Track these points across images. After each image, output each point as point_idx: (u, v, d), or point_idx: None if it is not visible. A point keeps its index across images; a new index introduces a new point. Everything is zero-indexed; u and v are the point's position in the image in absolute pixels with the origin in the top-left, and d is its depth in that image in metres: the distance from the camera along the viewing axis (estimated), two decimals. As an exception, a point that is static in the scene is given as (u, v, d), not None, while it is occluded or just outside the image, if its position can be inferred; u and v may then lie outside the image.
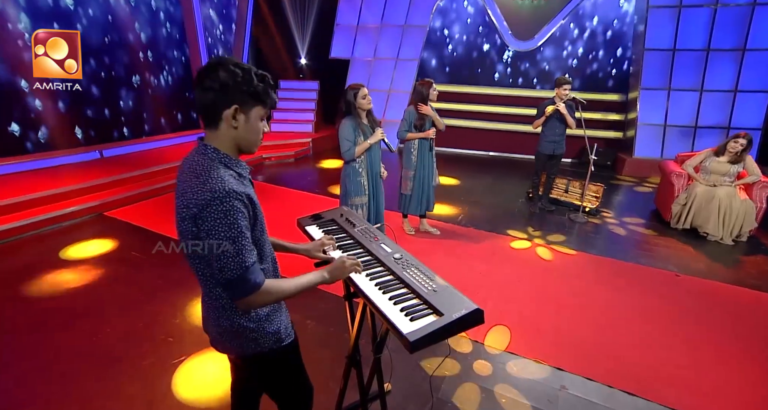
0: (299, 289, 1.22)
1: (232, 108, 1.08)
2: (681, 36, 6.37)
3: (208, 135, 1.13)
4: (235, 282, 1.07)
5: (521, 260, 3.80)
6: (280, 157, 7.41)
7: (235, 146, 1.15)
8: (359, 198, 3.18)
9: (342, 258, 1.38)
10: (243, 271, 1.06)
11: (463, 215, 4.88)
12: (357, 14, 7.95)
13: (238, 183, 1.08)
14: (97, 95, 5.83)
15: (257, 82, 1.10)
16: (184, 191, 1.08)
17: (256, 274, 1.09)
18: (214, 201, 1.02)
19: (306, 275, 1.27)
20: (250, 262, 1.08)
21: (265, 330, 1.23)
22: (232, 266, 1.05)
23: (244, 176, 1.17)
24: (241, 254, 1.06)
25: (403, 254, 1.57)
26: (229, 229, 1.04)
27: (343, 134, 3.04)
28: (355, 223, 1.85)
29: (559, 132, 4.67)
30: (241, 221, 1.06)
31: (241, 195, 1.06)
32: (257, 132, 1.17)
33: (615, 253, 3.98)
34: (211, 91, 1.06)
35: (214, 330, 1.23)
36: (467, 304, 1.27)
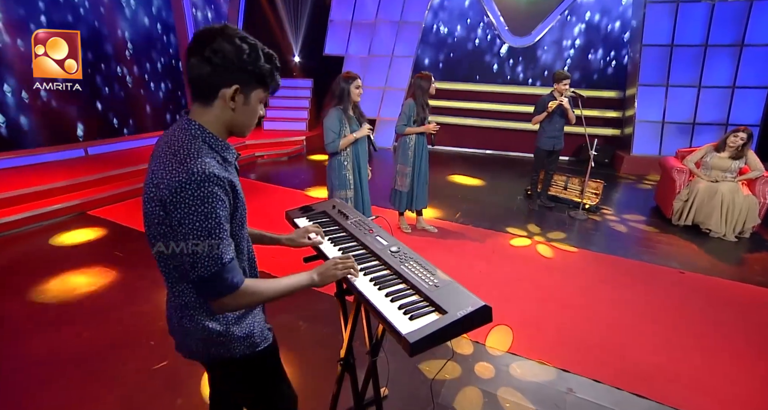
0: (283, 292, 1.08)
1: (232, 88, 0.95)
2: (679, 31, 6.30)
3: (196, 110, 0.99)
4: (209, 281, 0.93)
5: (522, 257, 3.68)
6: (273, 155, 7.26)
7: (226, 127, 1.01)
8: (345, 192, 3.05)
9: (335, 259, 1.24)
10: (219, 268, 0.92)
11: (460, 212, 4.76)
12: (351, 10, 7.82)
13: (221, 168, 0.94)
14: (85, 92, 5.65)
15: (264, 62, 0.98)
16: (155, 169, 0.93)
17: (234, 273, 0.95)
18: (191, 184, 0.88)
19: (292, 277, 1.13)
20: (227, 258, 0.93)
21: (234, 335, 1.09)
22: (206, 263, 0.91)
23: (230, 161, 1.02)
24: (218, 249, 0.91)
25: (400, 247, 1.44)
26: (206, 219, 0.89)
27: (328, 124, 2.92)
28: (348, 215, 1.71)
29: (558, 127, 4.56)
30: (221, 210, 0.92)
31: (222, 181, 0.92)
32: (254, 116, 1.04)
33: (617, 250, 3.87)
34: (208, 65, 0.92)
35: (178, 332, 1.09)
36: (473, 300, 1.14)
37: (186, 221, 0.89)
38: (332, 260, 1.24)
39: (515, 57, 8.06)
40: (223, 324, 1.06)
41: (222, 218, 0.92)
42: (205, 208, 0.89)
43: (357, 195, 3.15)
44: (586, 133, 4.60)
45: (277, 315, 2.63)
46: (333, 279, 1.22)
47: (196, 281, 0.93)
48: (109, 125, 6.11)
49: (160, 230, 0.95)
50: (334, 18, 7.83)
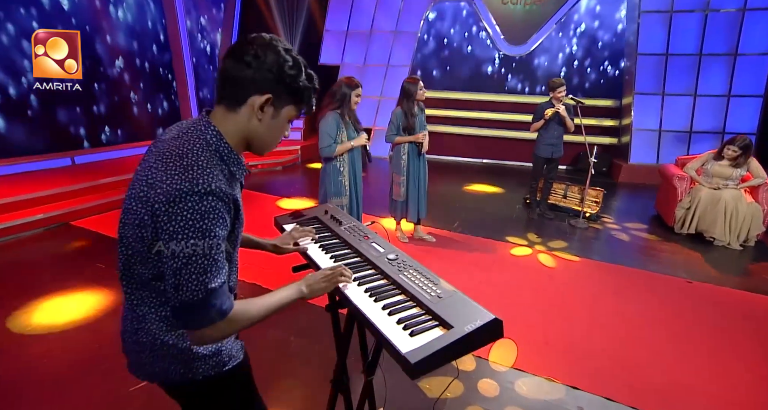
0: (273, 310, 0.96)
1: (264, 97, 0.86)
2: (673, 40, 6.32)
3: (218, 114, 0.89)
4: (194, 307, 0.80)
5: (523, 267, 3.55)
6: (267, 165, 7.14)
7: (246, 140, 0.91)
8: (339, 199, 2.93)
9: (324, 271, 1.12)
10: (206, 294, 0.80)
11: (458, 221, 4.64)
12: (347, 20, 7.82)
13: (227, 184, 0.84)
14: (73, 101, 5.52)
15: (304, 79, 0.90)
16: (153, 166, 0.82)
17: (223, 299, 0.83)
18: (192, 196, 0.77)
19: (278, 292, 1.01)
20: (217, 283, 0.81)
21: (197, 352, 0.94)
22: (193, 286, 0.79)
23: (237, 177, 0.92)
24: (210, 272, 0.80)
25: (398, 254, 1.31)
26: (202, 236, 0.78)
27: (326, 128, 2.81)
28: (341, 220, 1.58)
29: (556, 134, 4.49)
30: (220, 228, 0.81)
31: (227, 196, 0.82)
32: (279, 133, 0.94)
33: (620, 259, 3.75)
34: (247, 68, 0.83)
35: (132, 348, 0.95)
36: (482, 313, 1.00)
37: (179, 235, 0.77)
38: (321, 271, 1.12)
39: (511, 66, 8.07)
40: (186, 339, 0.92)
41: (220, 238, 0.81)
42: (203, 224, 0.78)
43: (352, 203, 3.03)
44: (586, 141, 4.53)
45: (264, 329, 2.47)
46: (322, 292, 1.10)
47: (178, 306, 0.80)
48: (96, 134, 5.96)
49: (139, 233, 0.83)
50: (330, 28, 7.83)
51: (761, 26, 6.03)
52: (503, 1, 6.71)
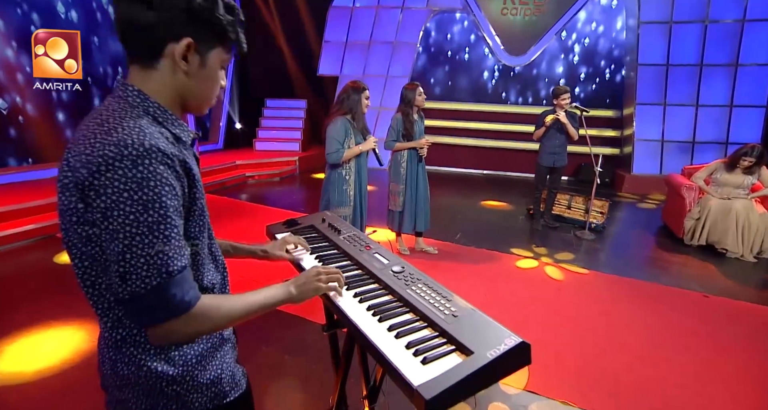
0: (252, 310, 0.80)
1: (183, 42, 0.70)
2: (674, 51, 6.31)
3: (135, 75, 0.73)
4: (148, 299, 0.65)
5: (529, 280, 3.39)
6: (265, 176, 7.01)
7: (179, 98, 0.76)
8: (343, 209, 2.78)
9: (316, 268, 0.97)
10: (163, 280, 0.64)
11: (460, 233, 4.49)
12: (346, 31, 7.81)
13: (169, 145, 0.69)
14: (60, 110, 5.40)
15: (223, 12, 0.73)
16: (71, 146, 0.67)
17: (185, 286, 0.68)
18: (122, 160, 0.62)
19: (263, 290, 0.85)
20: (177, 266, 0.66)
21: (195, 380, 0.78)
22: (144, 272, 0.64)
23: (183, 140, 0.76)
24: (163, 253, 0.64)
25: (404, 266, 1.16)
26: (145, 209, 0.63)
27: (333, 132, 2.68)
28: (340, 229, 1.44)
29: (558, 143, 4.38)
30: (168, 198, 0.65)
31: (170, 158, 0.66)
32: (214, 85, 0.79)
33: (631, 272, 3.60)
34: (149, 9, 0.67)
35: (111, 383, 0.77)
36: (506, 336, 0.85)
37: (114, 212, 0.62)
38: (313, 269, 0.98)
39: (511, 76, 8.05)
40: (180, 365, 0.75)
41: (170, 209, 0.65)
42: (144, 194, 0.62)
43: (356, 214, 2.88)
44: (591, 152, 4.42)
45: (255, 345, 2.29)
46: (314, 293, 0.95)
47: (127, 299, 0.65)
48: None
49: (82, 232, 0.67)
50: (329, 38, 7.81)
51: (761, 37, 6.02)
52: (503, 12, 6.71)
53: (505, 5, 6.68)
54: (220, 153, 7.79)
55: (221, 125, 8.24)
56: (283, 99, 8.71)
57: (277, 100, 8.68)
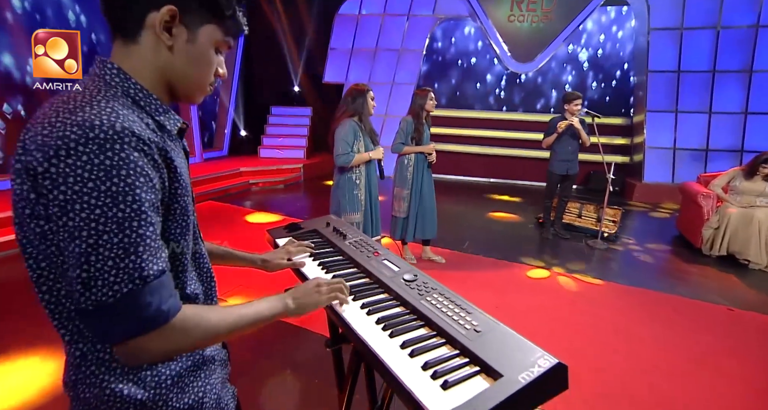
0: (242, 324, 0.69)
1: (164, 10, 0.60)
2: (685, 57, 6.20)
3: (117, 51, 0.64)
4: (116, 309, 0.54)
5: (541, 290, 3.25)
6: (269, 183, 6.94)
7: (163, 80, 0.66)
8: (354, 215, 2.67)
9: (316, 279, 0.86)
10: (136, 287, 0.54)
11: (468, 241, 4.36)
12: (352, 38, 7.80)
13: (148, 131, 0.59)
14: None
15: None
16: (29, 127, 0.56)
17: (164, 294, 0.57)
18: (87, 144, 0.52)
19: (256, 302, 0.74)
20: (153, 270, 0.55)
21: (170, 406, 0.66)
22: (111, 277, 0.53)
23: (168, 129, 0.66)
24: (136, 255, 0.54)
25: (417, 274, 1.04)
26: (115, 202, 0.52)
27: (342, 134, 2.58)
28: (345, 234, 1.33)
29: (571, 150, 4.26)
30: (143, 190, 0.55)
31: (147, 144, 0.56)
32: (206, 65, 0.68)
33: (648, 283, 3.44)
34: None
35: (76, 406, 0.65)
36: (539, 355, 0.73)
37: (76, 206, 0.51)
38: (314, 280, 0.87)
39: (519, 84, 7.98)
40: (151, 387, 0.63)
41: (145, 204, 0.55)
42: (113, 185, 0.52)
43: (367, 221, 2.76)
44: (604, 160, 4.31)
45: (253, 358, 2.17)
46: (314, 307, 0.84)
47: (91, 310, 0.53)
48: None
49: (33, 226, 0.56)
50: (335, 46, 7.81)
51: (776, 43, 5.91)
52: (510, 19, 6.66)
53: (512, 12, 6.64)
54: (224, 160, 7.75)
55: (226, 132, 8.22)
56: (288, 107, 8.69)
57: (282, 107, 8.66)
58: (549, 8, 6.52)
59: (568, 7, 6.46)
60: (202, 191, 5.80)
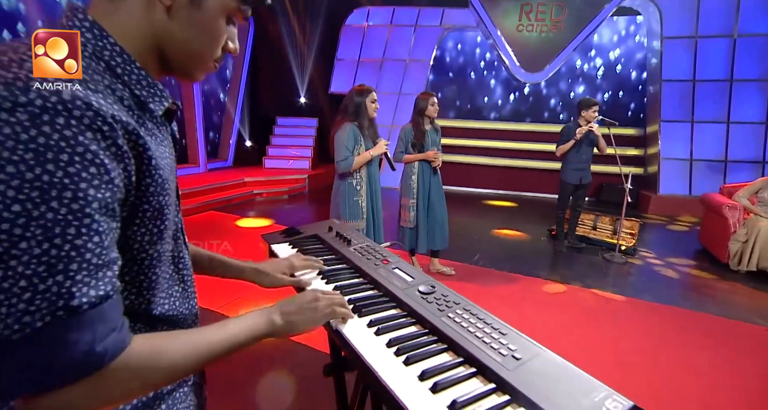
0: (215, 353, 0.52)
1: None
2: (700, 66, 6.05)
3: (99, 4, 0.50)
4: (26, 351, 0.37)
5: (559, 306, 3.03)
6: (273, 193, 6.82)
7: (155, 47, 0.52)
8: (355, 223, 2.51)
9: (313, 292, 0.69)
10: (57, 319, 0.38)
11: (478, 254, 4.16)
12: (359, 49, 7.77)
13: (118, 107, 0.45)
14: None
15: None
16: None
17: (99, 330, 0.41)
18: (13, 112, 0.38)
19: (233, 321, 0.58)
20: (87, 297, 0.39)
21: None
22: (21, 304, 0.37)
23: (150, 108, 0.51)
24: (65, 275, 0.38)
25: (435, 285, 0.87)
26: (43, 198, 0.37)
27: (342, 139, 2.45)
28: (350, 239, 1.16)
29: (585, 158, 4.09)
30: (92, 185, 0.41)
31: (108, 122, 0.42)
32: (212, 35, 0.54)
33: (674, 300, 3.21)
34: None
35: None
36: (604, 395, 0.55)
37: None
38: (310, 292, 0.71)
39: (528, 94, 7.88)
40: None
41: (92, 204, 0.40)
42: (46, 173, 0.38)
43: (369, 228, 2.60)
44: (621, 170, 4.14)
45: (236, 383, 1.97)
46: (309, 326, 0.67)
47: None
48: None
49: None
50: (342, 56, 7.78)
51: (795, 51, 5.74)
52: (518, 29, 6.58)
53: (521, 22, 6.57)
54: (229, 170, 7.67)
55: (231, 142, 8.16)
56: (294, 117, 8.64)
57: (288, 118, 8.61)
58: (559, 18, 6.43)
59: (578, 17, 6.37)
60: (205, 201, 5.69)
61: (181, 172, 6.79)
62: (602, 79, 7.49)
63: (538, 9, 6.50)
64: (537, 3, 6.50)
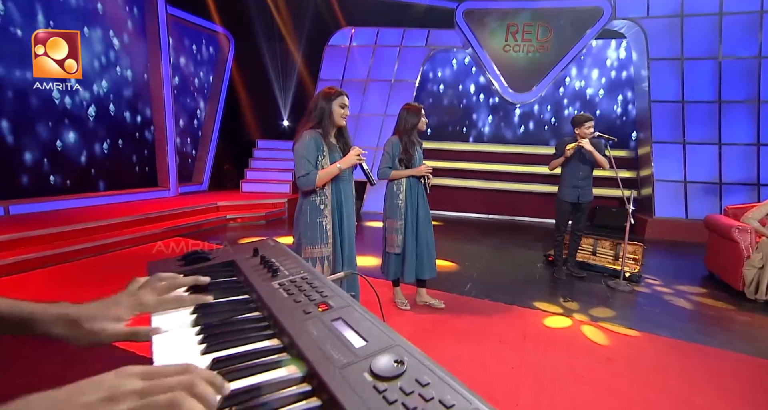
0: None
1: None
2: (688, 88, 5.95)
3: None
4: None
5: (565, 344, 2.60)
6: (249, 218, 6.34)
7: None
8: (319, 248, 2.09)
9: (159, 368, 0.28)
10: None
11: (470, 283, 3.73)
12: (342, 70, 7.58)
13: None
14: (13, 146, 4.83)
15: None
16: None
17: None
18: None
19: None
20: None
21: None
22: None
23: None
24: None
25: (406, 358, 0.45)
26: None
27: (302, 150, 2.06)
28: (278, 268, 0.74)
29: (582, 175, 3.78)
30: None
31: None
32: None
33: (692, 335, 2.81)
34: None
35: None
36: None
37: None
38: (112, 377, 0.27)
39: (516, 115, 7.72)
40: None
41: None
42: None
43: (338, 255, 2.18)
44: (623, 192, 3.84)
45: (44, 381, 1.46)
46: None
47: None
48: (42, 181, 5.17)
49: None
50: (325, 77, 7.56)
51: (781, 73, 5.69)
52: (505, 49, 6.49)
53: (507, 42, 6.48)
54: (202, 194, 7.20)
55: (207, 165, 7.74)
56: (276, 140, 8.30)
57: (269, 141, 8.28)
58: (545, 38, 6.36)
59: (564, 39, 6.31)
60: (172, 227, 5.19)
61: (149, 195, 6.30)
62: (591, 100, 7.39)
63: (524, 29, 6.43)
64: (523, 23, 6.44)
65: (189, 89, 7.50)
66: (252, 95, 8.40)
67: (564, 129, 7.51)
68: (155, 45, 6.28)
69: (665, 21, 6.02)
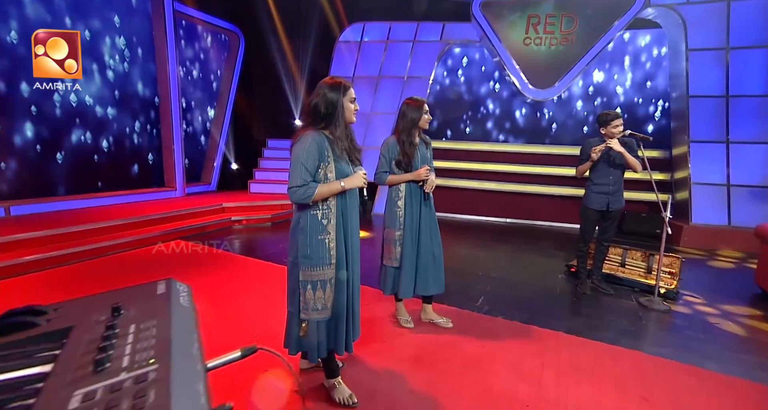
0: None
1: None
2: (733, 80, 5.37)
3: None
4: None
5: (594, 378, 2.21)
6: (255, 220, 6.13)
7: None
8: (321, 270, 1.78)
9: None
10: None
11: (483, 297, 3.37)
12: (353, 66, 7.28)
13: None
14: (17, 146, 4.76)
15: None
16: None
17: None
18: None
19: None
20: None
21: None
22: None
23: None
24: None
25: None
26: None
27: (302, 155, 1.73)
28: (118, 354, 0.42)
29: (613, 179, 3.36)
30: None
31: None
32: None
33: (751, 370, 2.38)
34: None
35: None
36: None
37: None
38: None
39: (538, 113, 7.25)
40: None
41: None
42: None
43: (341, 276, 1.84)
44: (658, 197, 3.39)
45: None
46: None
47: None
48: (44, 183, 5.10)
49: None
50: (335, 73, 7.28)
51: None
52: (526, 42, 6.05)
53: (528, 35, 6.03)
54: (210, 195, 7.04)
55: (215, 165, 7.58)
56: (286, 139, 8.08)
57: (279, 140, 8.07)
58: (569, 30, 5.89)
59: (590, 29, 5.82)
60: (174, 229, 5.02)
61: (155, 196, 6.17)
62: (621, 97, 6.85)
63: (546, 21, 5.97)
64: (545, 14, 5.98)
65: (197, 88, 7.37)
66: (262, 93, 8.21)
67: (589, 128, 7.01)
68: (162, 42, 6.13)
69: (708, 7, 5.45)
